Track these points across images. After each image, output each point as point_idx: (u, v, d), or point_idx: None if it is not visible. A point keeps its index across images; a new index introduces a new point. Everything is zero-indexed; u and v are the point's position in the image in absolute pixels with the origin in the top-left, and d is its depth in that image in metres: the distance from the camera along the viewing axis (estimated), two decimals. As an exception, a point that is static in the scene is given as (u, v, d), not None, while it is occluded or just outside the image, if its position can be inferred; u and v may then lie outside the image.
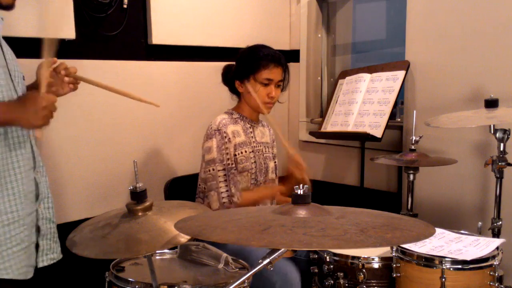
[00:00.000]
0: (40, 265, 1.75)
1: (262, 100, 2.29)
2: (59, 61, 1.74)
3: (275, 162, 2.50)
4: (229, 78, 2.37)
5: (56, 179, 2.37)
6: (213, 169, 2.22)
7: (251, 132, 2.36)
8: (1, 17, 1.69)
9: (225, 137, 2.24)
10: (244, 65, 2.30)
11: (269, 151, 2.44)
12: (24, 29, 2.20)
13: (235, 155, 2.26)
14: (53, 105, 1.55)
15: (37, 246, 1.74)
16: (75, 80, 1.74)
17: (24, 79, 1.75)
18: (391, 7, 3.26)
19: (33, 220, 1.70)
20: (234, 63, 2.37)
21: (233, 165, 2.25)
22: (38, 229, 1.74)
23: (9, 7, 1.63)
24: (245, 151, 2.29)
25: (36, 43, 2.27)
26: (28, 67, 1.93)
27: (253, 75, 2.27)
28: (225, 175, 2.22)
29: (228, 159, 2.23)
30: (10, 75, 1.65)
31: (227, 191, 2.21)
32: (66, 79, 1.72)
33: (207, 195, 2.27)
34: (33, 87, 1.77)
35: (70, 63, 2.38)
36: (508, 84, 2.38)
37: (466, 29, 2.51)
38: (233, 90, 2.38)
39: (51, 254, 1.78)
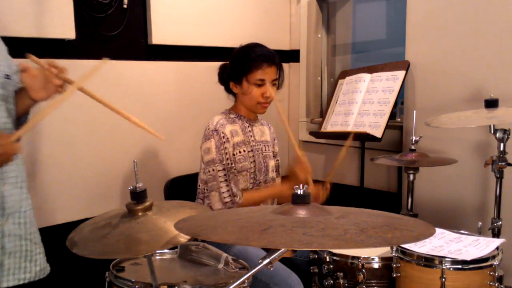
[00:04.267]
0: (4, 285, 1.59)
1: (257, 100, 2.28)
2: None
3: (276, 160, 2.50)
4: (224, 78, 2.36)
5: (56, 179, 2.37)
6: (213, 170, 2.22)
7: (249, 131, 2.36)
8: None
9: (223, 137, 2.23)
10: (236, 66, 2.30)
11: (269, 150, 2.44)
12: (20, 29, 2.19)
13: (234, 154, 2.26)
14: (10, 156, 1.43)
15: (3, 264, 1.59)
16: (64, 82, 1.55)
17: (9, 77, 1.61)
18: (391, 7, 3.26)
19: None
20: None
21: (233, 165, 2.24)
22: (2, 247, 1.58)
23: None
24: (244, 150, 2.29)
25: (32, 43, 2.28)
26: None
27: (245, 77, 2.27)
28: (225, 175, 2.22)
29: (227, 158, 2.22)
30: None
31: (228, 191, 2.21)
32: (57, 81, 1.54)
33: (208, 195, 2.27)
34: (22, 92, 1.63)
35: (70, 63, 2.38)
36: (508, 84, 2.38)
37: (466, 29, 2.51)
38: (229, 90, 2.38)
39: (20, 274, 1.62)
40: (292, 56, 3.41)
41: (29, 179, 2.28)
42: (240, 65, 2.28)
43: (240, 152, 2.28)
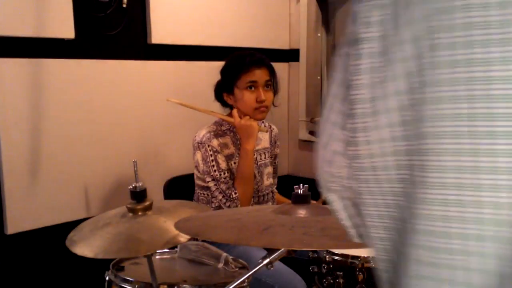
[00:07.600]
0: None
1: (252, 106, 2.19)
2: None
3: (275, 162, 2.48)
4: (219, 93, 2.31)
5: (56, 179, 2.37)
6: (207, 181, 2.22)
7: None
8: None
9: (211, 149, 2.19)
10: (226, 76, 2.25)
11: (265, 157, 2.40)
12: (19, 28, 2.19)
13: (230, 166, 2.24)
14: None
15: None
16: None
17: None
18: (391, 7, 3.26)
19: None
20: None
21: (222, 174, 2.20)
22: None
23: None
24: (234, 163, 2.25)
25: (31, 42, 2.28)
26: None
27: (235, 84, 2.20)
28: (215, 184, 2.20)
29: (215, 170, 2.19)
30: None
31: (223, 196, 2.19)
32: None
33: (211, 200, 2.27)
34: None
35: (70, 63, 2.39)
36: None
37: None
38: (225, 104, 2.32)
39: None
40: (292, 55, 3.42)
41: (29, 178, 2.29)
42: (229, 73, 2.23)
43: (235, 163, 2.25)
